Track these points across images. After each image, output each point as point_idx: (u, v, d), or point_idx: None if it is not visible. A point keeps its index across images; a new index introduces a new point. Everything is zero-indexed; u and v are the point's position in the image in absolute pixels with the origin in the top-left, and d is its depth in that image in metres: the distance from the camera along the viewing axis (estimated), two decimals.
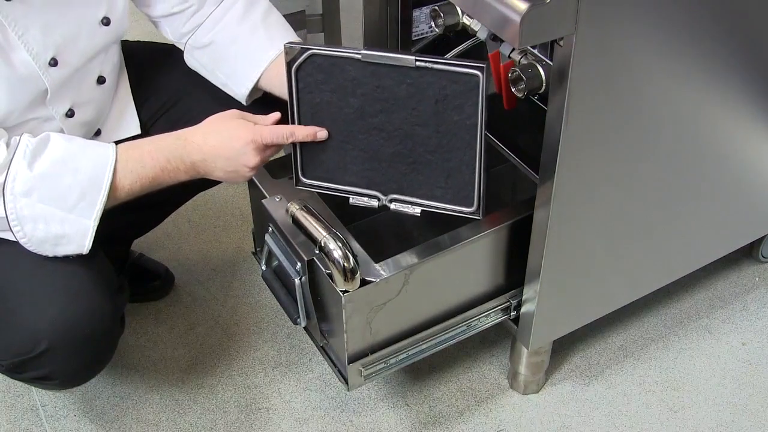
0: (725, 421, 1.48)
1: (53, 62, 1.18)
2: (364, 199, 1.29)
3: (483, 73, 1.13)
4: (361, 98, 1.20)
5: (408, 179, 1.25)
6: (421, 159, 1.23)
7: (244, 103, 1.37)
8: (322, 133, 1.23)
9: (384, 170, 1.26)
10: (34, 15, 1.14)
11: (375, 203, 1.29)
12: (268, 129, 1.20)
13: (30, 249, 1.14)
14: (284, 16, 1.37)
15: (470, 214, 1.25)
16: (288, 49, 1.19)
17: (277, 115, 1.24)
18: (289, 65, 1.20)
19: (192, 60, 1.39)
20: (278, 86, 1.31)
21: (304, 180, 1.30)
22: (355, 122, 1.22)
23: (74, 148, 1.13)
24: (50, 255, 1.15)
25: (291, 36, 1.36)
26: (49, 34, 1.17)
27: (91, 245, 1.14)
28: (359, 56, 1.17)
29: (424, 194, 1.26)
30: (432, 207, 1.27)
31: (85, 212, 1.12)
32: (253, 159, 1.19)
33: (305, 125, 1.24)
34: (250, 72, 1.34)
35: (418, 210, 1.27)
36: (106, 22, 1.25)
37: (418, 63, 1.15)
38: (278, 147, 1.23)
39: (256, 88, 1.36)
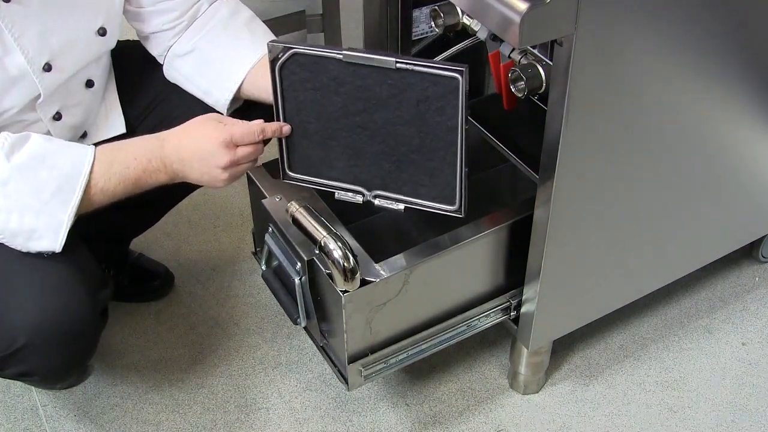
0: (725, 421, 1.48)
1: (47, 67, 1.18)
2: (348, 194, 1.29)
3: (462, 76, 1.12)
4: (343, 97, 1.20)
5: (392, 176, 1.26)
6: (405, 158, 1.23)
7: (224, 113, 1.36)
8: (286, 128, 1.24)
9: (368, 167, 1.26)
10: (32, 19, 1.14)
11: (359, 199, 1.29)
12: (239, 127, 1.20)
13: (3, 242, 1.13)
14: (284, 16, 1.37)
15: (452, 212, 1.25)
16: (271, 47, 1.19)
17: (259, 121, 1.23)
18: (272, 63, 1.20)
19: (172, 71, 1.38)
20: (263, 87, 1.30)
21: (290, 174, 1.31)
22: (339, 120, 1.22)
23: (53, 146, 1.13)
24: (23, 250, 1.14)
25: None
26: (46, 39, 1.17)
27: (63, 243, 1.13)
28: (340, 56, 1.17)
29: (408, 191, 1.26)
30: (415, 204, 1.27)
31: (59, 207, 1.11)
32: (223, 159, 1.19)
33: (290, 122, 1.24)
34: (234, 73, 1.33)
35: (401, 206, 1.27)
36: (102, 32, 1.25)
37: (398, 64, 1.15)
38: (254, 147, 1.22)
39: (237, 96, 1.35)
